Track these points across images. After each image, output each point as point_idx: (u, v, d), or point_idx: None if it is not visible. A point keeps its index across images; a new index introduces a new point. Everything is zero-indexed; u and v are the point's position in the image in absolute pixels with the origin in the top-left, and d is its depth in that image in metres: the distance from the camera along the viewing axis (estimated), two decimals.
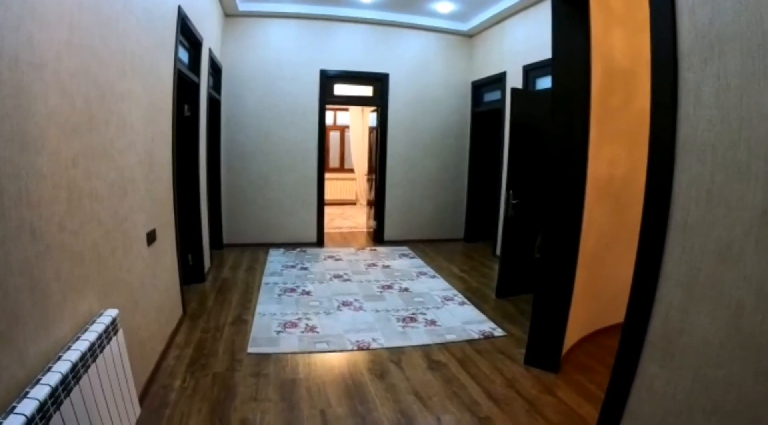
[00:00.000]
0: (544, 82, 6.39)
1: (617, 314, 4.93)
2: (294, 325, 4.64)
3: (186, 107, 5.39)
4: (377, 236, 8.72)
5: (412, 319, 4.92)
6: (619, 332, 4.48)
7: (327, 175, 12.94)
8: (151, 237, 3.60)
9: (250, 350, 4.08)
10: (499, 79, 7.59)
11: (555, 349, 3.90)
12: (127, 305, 3.01)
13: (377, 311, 5.12)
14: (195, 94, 5.46)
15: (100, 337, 2.24)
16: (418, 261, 7.42)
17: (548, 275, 3.86)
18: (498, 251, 7.59)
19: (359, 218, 11.35)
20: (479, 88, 8.49)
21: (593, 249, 4.07)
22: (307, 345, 4.21)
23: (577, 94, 3.60)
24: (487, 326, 4.83)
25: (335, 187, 13.41)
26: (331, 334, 4.47)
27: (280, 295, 5.53)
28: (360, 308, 5.21)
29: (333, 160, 13.84)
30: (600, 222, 4.12)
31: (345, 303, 5.33)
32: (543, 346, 3.94)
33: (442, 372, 3.84)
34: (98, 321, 2.36)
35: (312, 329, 4.57)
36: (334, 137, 13.82)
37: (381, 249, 8.18)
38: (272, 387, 3.52)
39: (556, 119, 3.69)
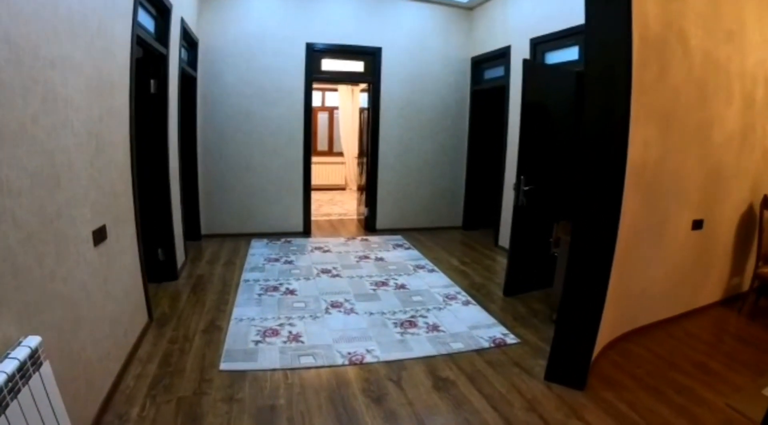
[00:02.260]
0: (555, 57, 5.92)
1: (642, 316, 4.52)
2: (275, 333, 4.08)
3: (152, 82, 4.82)
4: (369, 225, 8.20)
5: (412, 324, 4.38)
6: (643, 336, 4.06)
7: (315, 159, 12.50)
8: (100, 235, 3.01)
9: (223, 366, 3.50)
10: (502, 54, 7.08)
11: (582, 362, 3.38)
12: (64, 325, 2.43)
13: (371, 313, 4.58)
14: (162, 68, 4.86)
15: (10, 380, 1.68)
16: (415, 252, 6.91)
17: (578, 275, 3.32)
18: (500, 241, 7.23)
19: (349, 205, 10.81)
20: (480, 64, 7.97)
21: (625, 244, 3.54)
22: (290, 359, 3.64)
23: (615, 68, 3.07)
24: (498, 331, 4.30)
25: (324, 171, 13.00)
26: (319, 345, 3.90)
27: (260, 295, 4.97)
28: (351, 310, 4.66)
29: (321, 143, 13.39)
30: (633, 213, 3.59)
31: (334, 304, 4.78)
32: (568, 358, 3.41)
33: (450, 393, 3.29)
34: (11, 355, 1.79)
35: (296, 338, 4.01)
36: (322, 118, 13.31)
37: (373, 239, 7.65)
38: (247, 416, 2.95)
39: (591, 97, 3.14)
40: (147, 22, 4.43)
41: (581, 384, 3.37)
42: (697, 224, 4.61)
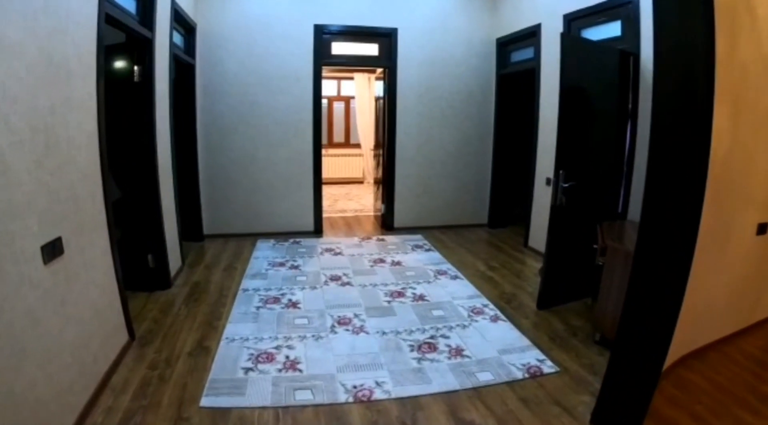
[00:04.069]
0: (593, 34, 5.36)
1: (700, 337, 3.95)
2: (270, 358, 3.59)
3: (136, 69, 4.38)
4: (386, 223, 7.73)
5: (431, 346, 3.86)
6: (699, 359, 3.68)
7: (331, 151, 12.26)
8: (52, 250, 2.55)
9: (204, 402, 3.02)
10: (532, 34, 6.52)
11: (640, 402, 2.82)
12: None
13: (384, 333, 4.07)
14: (147, 54, 4.41)
15: None
16: (436, 255, 6.40)
17: (643, 293, 2.74)
18: (530, 242, 6.77)
19: (366, 200, 10.33)
20: (506, 45, 7.44)
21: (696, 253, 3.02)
22: (284, 393, 3.14)
23: (694, 45, 2.49)
24: (532, 356, 3.78)
25: (340, 164, 12.62)
26: (319, 375, 3.39)
27: (258, 308, 4.50)
28: (361, 328, 4.16)
29: (338, 134, 12.98)
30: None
31: (341, 321, 4.28)
32: (623, 397, 2.86)
33: None
34: None
35: (294, 365, 3.51)
36: (338, 108, 12.88)
37: (390, 239, 7.17)
38: None
39: (664, 75, 2.56)
40: (126, 1, 3.97)
41: None
42: (762, 229, 4.11)
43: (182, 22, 5.69)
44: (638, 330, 2.79)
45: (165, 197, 4.88)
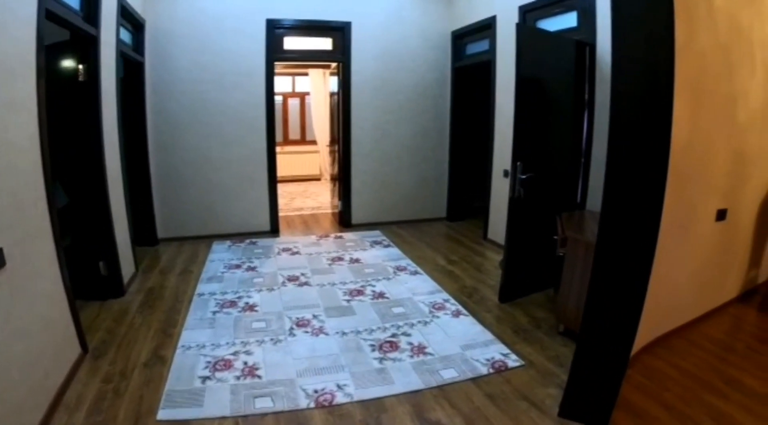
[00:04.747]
0: (549, 25, 5.35)
1: (664, 324, 3.99)
2: (228, 365, 3.49)
3: (81, 68, 4.22)
4: (343, 220, 7.66)
5: (393, 345, 3.82)
6: (664, 347, 3.76)
7: (287, 148, 12.15)
8: None
9: (161, 415, 2.91)
10: (487, 26, 6.54)
11: (608, 393, 2.83)
12: None
13: (344, 333, 4.01)
14: (93, 52, 4.25)
15: None
16: (395, 251, 6.37)
17: (607, 283, 2.75)
18: (490, 234, 6.82)
19: (324, 197, 10.22)
20: (461, 38, 7.44)
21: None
22: (243, 402, 3.05)
23: (654, 34, 2.49)
24: (496, 350, 3.77)
25: (296, 161, 12.46)
26: (279, 380, 3.30)
27: (215, 313, 4.39)
28: (320, 330, 4.08)
29: (293, 131, 12.82)
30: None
31: (300, 323, 4.20)
32: (590, 389, 2.87)
33: None
34: None
35: (252, 371, 3.41)
36: (293, 105, 12.72)
37: (348, 236, 7.11)
38: None
39: (622, 71, 2.56)
40: None
41: (605, 421, 2.84)
42: (721, 215, 4.21)
43: (130, 19, 5.49)
44: (603, 321, 2.80)
45: (115, 201, 4.71)
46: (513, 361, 3.62)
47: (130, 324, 4.19)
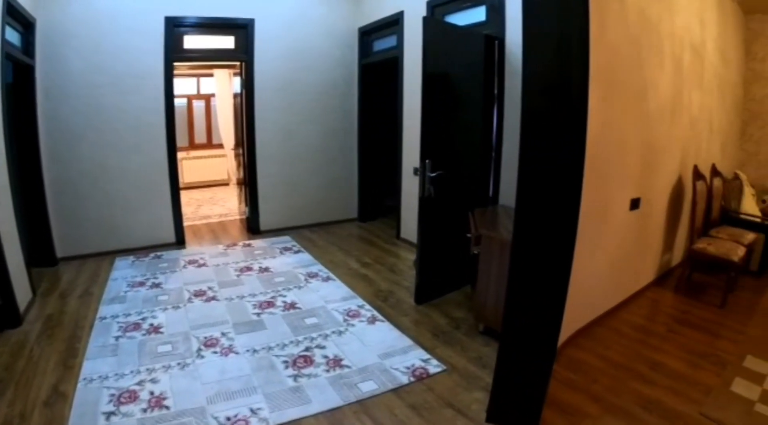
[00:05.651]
0: (457, 19, 5.29)
1: (585, 315, 4.01)
2: (133, 397, 3.15)
3: None
4: (252, 226, 7.34)
5: (307, 360, 3.60)
6: (587, 337, 3.85)
7: (193, 152, 11.69)
8: None
9: None
10: (394, 22, 6.44)
11: (536, 393, 2.74)
12: None
13: (255, 351, 3.75)
14: None
15: None
16: (306, 256, 6.14)
17: (526, 282, 2.65)
18: (402, 233, 6.75)
19: (232, 203, 9.80)
20: (368, 34, 7.33)
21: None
22: None
23: (568, 27, 2.40)
24: (416, 356, 3.64)
25: (203, 166, 11.92)
26: (188, 410, 3.01)
27: (118, 338, 4.00)
28: (230, 348, 3.80)
29: (199, 134, 12.24)
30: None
31: (208, 342, 3.90)
32: (517, 391, 2.77)
33: None
34: None
35: (159, 401, 3.10)
36: (198, 107, 12.13)
37: (257, 243, 6.80)
38: None
39: (534, 63, 2.46)
40: None
41: (535, 422, 2.75)
42: (635, 204, 4.32)
43: (17, 17, 4.94)
44: (525, 318, 2.71)
45: (4, 220, 4.26)
46: (434, 367, 3.49)
47: (28, 358, 3.73)
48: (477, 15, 5.06)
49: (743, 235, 5.16)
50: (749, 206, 6.18)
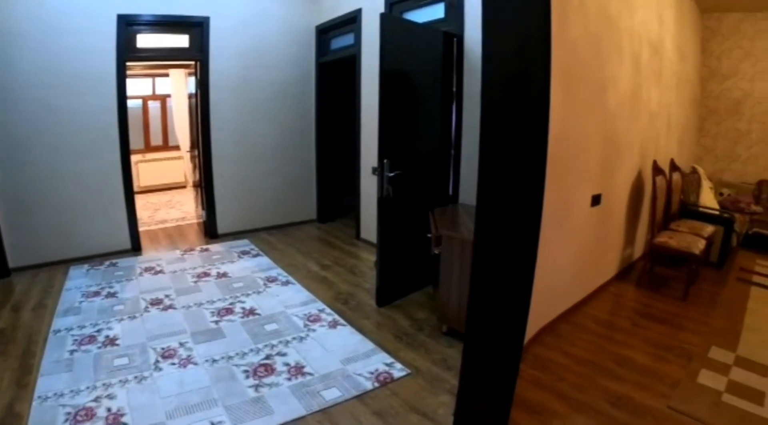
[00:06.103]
0: (416, 17, 5.27)
1: (549, 312, 4.03)
2: (90, 414, 3.01)
3: None
4: (209, 230, 7.17)
5: (268, 368, 3.51)
6: (552, 335, 3.90)
7: (149, 155, 11.40)
8: None
9: None
10: (352, 19, 6.39)
11: (504, 394, 2.67)
12: None
13: (214, 361, 3.64)
14: None
15: None
16: (265, 260, 6.04)
17: (489, 283, 2.58)
18: (362, 233, 6.74)
19: (189, 206, 9.57)
20: (326, 32, 7.25)
21: None
22: None
23: (529, 23, 2.34)
24: (379, 360, 3.58)
25: (160, 169, 11.61)
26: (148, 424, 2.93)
27: (73, 352, 3.84)
28: (188, 359, 3.68)
29: (155, 136, 11.91)
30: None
31: (166, 354, 3.77)
32: (484, 393, 2.71)
33: None
34: None
35: (117, 419, 2.96)
36: (154, 108, 11.80)
37: (215, 247, 6.65)
38: None
39: (494, 60, 2.41)
40: None
41: (503, 424, 2.70)
42: (596, 200, 4.35)
43: None
44: (490, 318, 2.64)
45: None
46: (398, 371, 3.45)
47: None
48: (436, 12, 5.05)
49: (703, 228, 5.25)
50: (707, 199, 6.31)
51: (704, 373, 3.40)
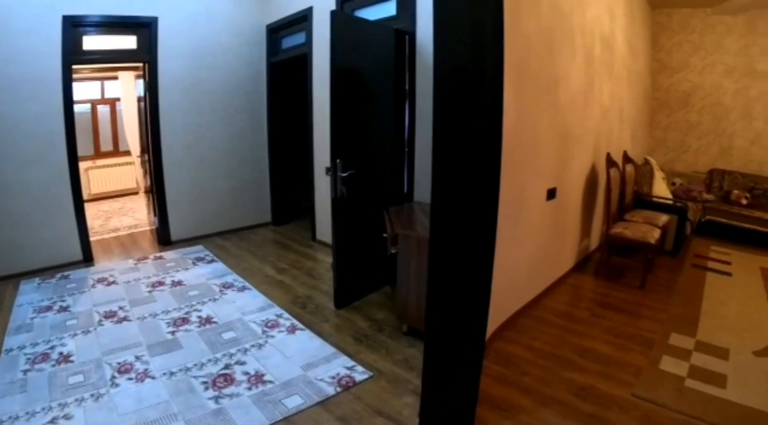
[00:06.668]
0: (368, 14, 5.26)
1: (509, 307, 4.08)
2: None
3: None
4: (162, 237, 7.03)
5: (227, 378, 3.45)
6: (512, 329, 3.97)
7: (99, 161, 11.09)
8: None
9: None
10: (303, 18, 6.34)
11: (468, 392, 2.71)
12: None
13: (172, 373, 3.56)
14: None
15: None
16: (220, 266, 5.96)
17: (447, 282, 2.59)
18: (318, 235, 6.73)
19: (141, 213, 9.29)
20: (277, 31, 7.18)
21: None
22: None
23: (482, 19, 2.34)
24: (340, 364, 3.57)
25: (111, 175, 11.29)
26: None
27: (26, 371, 3.69)
28: (146, 373, 3.58)
29: (105, 142, 11.55)
30: None
31: (122, 368, 3.66)
32: (449, 392, 2.72)
33: None
34: None
35: None
36: (103, 112, 11.45)
37: (169, 255, 6.53)
38: None
39: (446, 57, 2.41)
40: None
41: (470, 422, 2.73)
42: (551, 194, 4.42)
43: None
44: (449, 316, 2.65)
45: None
46: (360, 374, 3.44)
47: None
48: (387, 9, 5.04)
49: (657, 217, 5.38)
50: (660, 189, 6.46)
51: (666, 360, 3.49)
